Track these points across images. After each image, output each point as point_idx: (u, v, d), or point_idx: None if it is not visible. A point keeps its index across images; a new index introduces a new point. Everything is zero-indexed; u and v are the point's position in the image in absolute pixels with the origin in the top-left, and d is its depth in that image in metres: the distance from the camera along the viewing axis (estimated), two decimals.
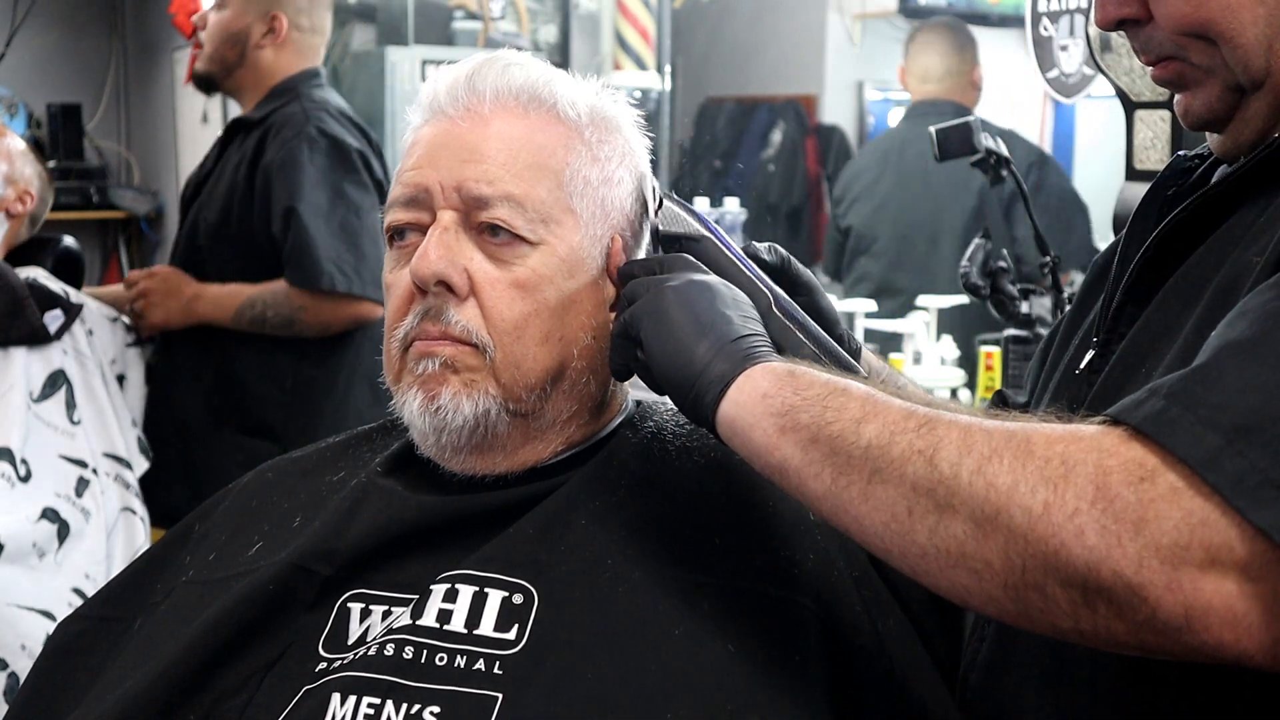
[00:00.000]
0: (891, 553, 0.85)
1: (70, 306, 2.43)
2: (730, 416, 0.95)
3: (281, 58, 2.66)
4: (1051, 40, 2.48)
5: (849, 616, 1.06)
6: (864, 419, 0.87)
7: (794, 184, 5.49)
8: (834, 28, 5.52)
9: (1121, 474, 0.75)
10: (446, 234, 1.09)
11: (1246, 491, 0.73)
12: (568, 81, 1.15)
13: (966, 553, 0.80)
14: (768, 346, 0.99)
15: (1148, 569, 0.74)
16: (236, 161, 2.62)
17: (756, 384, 0.94)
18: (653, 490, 1.10)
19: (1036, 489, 0.77)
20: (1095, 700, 0.94)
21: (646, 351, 1.02)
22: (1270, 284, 0.81)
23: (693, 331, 0.99)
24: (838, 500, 0.87)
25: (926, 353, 3.24)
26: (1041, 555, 0.77)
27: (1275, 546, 0.72)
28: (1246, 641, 0.74)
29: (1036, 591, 0.78)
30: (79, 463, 2.37)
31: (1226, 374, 0.77)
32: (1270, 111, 0.95)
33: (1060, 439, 0.79)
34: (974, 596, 0.82)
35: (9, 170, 2.57)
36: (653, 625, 1.01)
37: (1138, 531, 0.74)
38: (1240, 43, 0.93)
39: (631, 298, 1.06)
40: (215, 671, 1.06)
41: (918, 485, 0.82)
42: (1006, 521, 0.78)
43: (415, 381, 1.10)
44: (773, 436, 0.91)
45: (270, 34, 2.64)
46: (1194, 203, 0.98)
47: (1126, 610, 0.75)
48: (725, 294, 1.03)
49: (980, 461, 0.80)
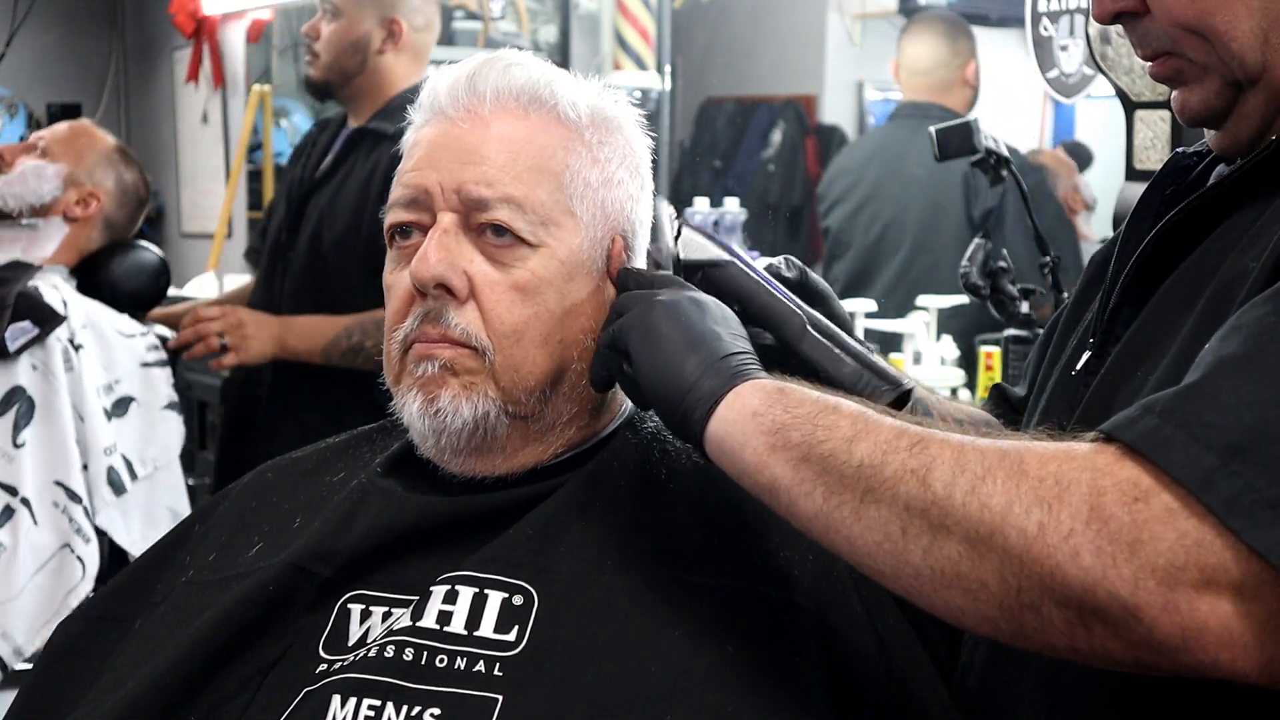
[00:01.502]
0: (885, 573, 0.85)
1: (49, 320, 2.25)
2: (719, 434, 0.94)
3: (400, 62, 2.64)
4: (1051, 40, 2.48)
5: (848, 617, 1.06)
6: (856, 438, 0.86)
7: (794, 184, 5.48)
8: (834, 28, 5.52)
9: (1116, 494, 0.75)
10: (446, 236, 1.09)
11: (1241, 512, 0.72)
12: (569, 82, 1.15)
13: (961, 573, 0.80)
14: (757, 364, 0.98)
15: (1144, 590, 0.74)
16: (368, 173, 2.57)
17: (746, 401, 0.93)
18: (652, 491, 1.10)
19: (1031, 510, 0.77)
20: (1091, 705, 0.94)
21: (634, 366, 1.01)
22: (1265, 298, 0.80)
23: (682, 347, 0.98)
24: (829, 520, 0.86)
25: (926, 353, 3.24)
26: (1037, 576, 0.77)
27: (1270, 567, 0.72)
28: (1242, 661, 0.74)
29: (1032, 612, 0.78)
30: (8, 489, 2.19)
31: (1220, 391, 0.76)
32: (1267, 107, 0.95)
33: (1053, 458, 0.78)
34: (969, 617, 0.82)
35: (73, 170, 2.47)
36: (652, 626, 1.01)
37: (1133, 553, 0.74)
38: (1234, 36, 0.92)
39: (621, 310, 1.06)
40: (215, 673, 1.06)
41: (911, 505, 0.82)
42: (1001, 542, 0.78)
43: (415, 384, 1.10)
44: (763, 455, 0.90)
45: (390, 39, 2.62)
46: (1190, 205, 0.97)
47: (1123, 630, 0.75)
48: (715, 311, 1.03)
49: (974, 481, 0.80)
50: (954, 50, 3.68)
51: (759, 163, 5.47)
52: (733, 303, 1.08)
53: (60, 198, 2.45)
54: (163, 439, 2.41)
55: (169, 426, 2.42)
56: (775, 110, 5.44)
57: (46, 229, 2.46)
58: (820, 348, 1.08)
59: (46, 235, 2.46)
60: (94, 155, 2.50)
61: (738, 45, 5.59)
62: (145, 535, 2.30)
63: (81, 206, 2.47)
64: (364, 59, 2.62)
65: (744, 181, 5.33)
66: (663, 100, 4.80)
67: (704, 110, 5.62)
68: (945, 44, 3.69)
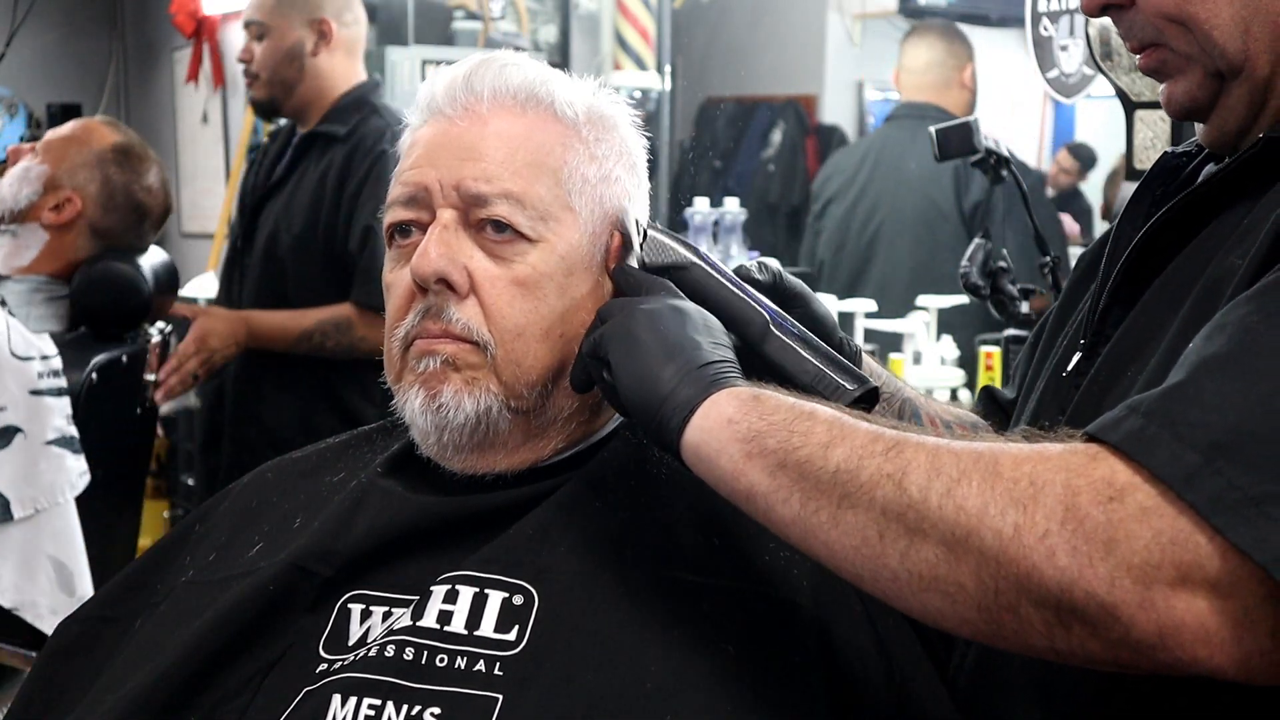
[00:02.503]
0: (863, 577, 0.85)
1: None
2: (695, 442, 0.94)
3: (336, 61, 2.72)
4: (1051, 40, 2.48)
5: (848, 617, 1.06)
6: (831, 443, 0.86)
7: (794, 184, 5.48)
8: (834, 28, 5.52)
9: (1090, 494, 0.76)
10: (446, 232, 1.09)
11: (1224, 510, 0.73)
12: (564, 81, 1.16)
13: (939, 576, 0.80)
14: (736, 372, 0.98)
15: (1120, 589, 0.74)
16: (320, 175, 2.65)
17: (722, 409, 0.93)
18: (652, 491, 1.10)
19: (1006, 511, 0.77)
20: (1081, 703, 0.95)
21: (614, 374, 1.01)
22: (1248, 296, 0.81)
23: (660, 356, 0.98)
24: (806, 526, 0.87)
25: (926, 353, 3.24)
26: (1014, 577, 0.77)
27: (1245, 563, 0.72)
28: (1219, 657, 0.74)
29: (1010, 613, 0.78)
30: None
31: (1205, 391, 0.77)
32: (1251, 99, 0.95)
33: (1028, 459, 0.79)
34: (948, 619, 0.82)
35: (54, 172, 2.29)
36: (652, 626, 1.01)
37: (1109, 551, 0.74)
38: (1215, 25, 0.93)
39: (603, 317, 1.06)
40: (215, 673, 1.06)
41: (887, 509, 0.82)
42: (978, 544, 0.78)
43: (416, 380, 1.10)
44: (739, 462, 0.91)
45: (322, 39, 2.69)
46: (1179, 203, 0.98)
47: (1101, 629, 0.75)
48: (697, 319, 1.03)
49: (949, 484, 0.80)
50: (950, 52, 3.70)
51: (759, 163, 5.47)
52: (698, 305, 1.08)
53: (36, 202, 2.28)
54: (48, 478, 2.06)
55: (57, 464, 2.07)
56: (775, 110, 5.44)
57: (26, 235, 2.29)
58: (784, 349, 1.08)
59: (26, 242, 2.29)
60: (81, 156, 2.32)
61: (738, 45, 5.60)
62: (18, 585, 2.01)
63: (55, 212, 2.28)
64: (301, 65, 2.70)
65: (744, 181, 5.34)
66: (663, 100, 4.80)
67: (704, 110, 5.63)
68: (942, 45, 3.72)
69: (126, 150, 2.39)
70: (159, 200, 2.42)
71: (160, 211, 2.44)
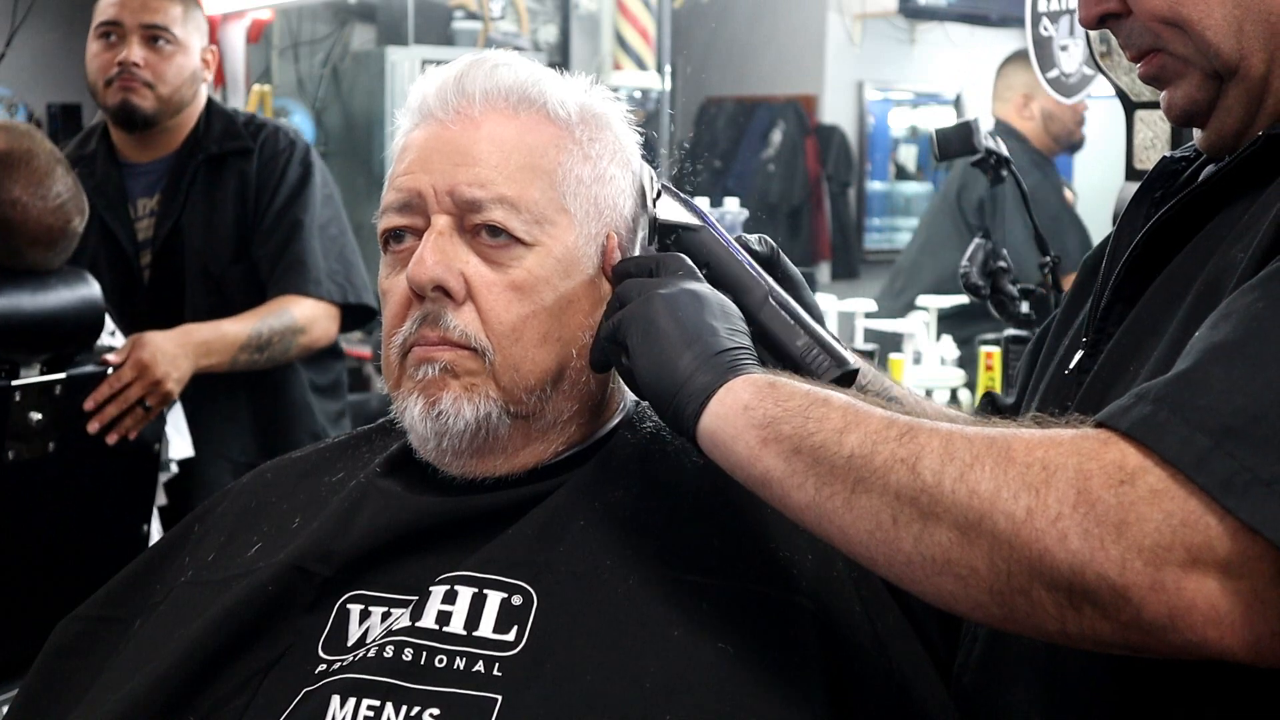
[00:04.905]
0: (877, 561, 0.86)
1: None
2: (711, 429, 0.95)
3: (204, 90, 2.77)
4: (1051, 40, 2.48)
5: (848, 616, 1.06)
6: (846, 429, 0.87)
7: (794, 184, 5.49)
8: (834, 28, 5.53)
9: (1102, 477, 0.76)
10: (441, 238, 1.09)
11: (1237, 491, 0.73)
12: (556, 81, 1.15)
13: (952, 559, 0.81)
14: (753, 358, 0.99)
15: (1131, 570, 0.75)
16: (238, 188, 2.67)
17: (738, 396, 0.95)
18: (651, 491, 1.10)
19: (1019, 495, 0.78)
20: (1087, 699, 0.95)
21: (632, 358, 1.02)
22: (1252, 285, 0.81)
23: (678, 342, 0.99)
24: (821, 510, 0.88)
25: (926, 353, 3.24)
26: (1026, 560, 0.78)
27: (1256, 543, 0.73)
28: (1230, 638, 0.75)
29: (1022, 596, 0.79)
30: None
31: (1213, 377, 0.78)
32: (1248, 99, 0.96)
33: (1040, 444, 0.80)
34: (960, 602, 0.83)
35: None
36: (651, 626, 1.01)
37: (1120, 534, 0.75)
38: (1208, 25, 0.94)
39: (623, 300, 1.06)
40: (215, 673, 1.06)
41: (901, 494, 0.83)
42: (990, 528, 0.79)
43: (415, 387, 1.10)
44: (755, 448, 0.92)
45: (207, 68, 2.76)
46: (1180, 202, 0.99)
47: (1112, 611, 0.76)
48: (715, 305, 1.03)
49: (962, 469, 0.81)
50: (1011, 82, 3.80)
51: (759, 163, 5.48)
52: (702, 265, 1.11)
53: None
54: None
55: None
56: (775, 110, 5.45)
57: None
58: (777, 318, 1.10)
59: None
60: None
61: (738, 45, 5.60)
62: None
63: None
64: (196, 90, 2.73)
65: (744, 181, 5.35)
66: (663, 100, 4.80)
67: (704, 110, 5.63)
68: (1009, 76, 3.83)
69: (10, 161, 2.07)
70: (33, 215, 2.06)
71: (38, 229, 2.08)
